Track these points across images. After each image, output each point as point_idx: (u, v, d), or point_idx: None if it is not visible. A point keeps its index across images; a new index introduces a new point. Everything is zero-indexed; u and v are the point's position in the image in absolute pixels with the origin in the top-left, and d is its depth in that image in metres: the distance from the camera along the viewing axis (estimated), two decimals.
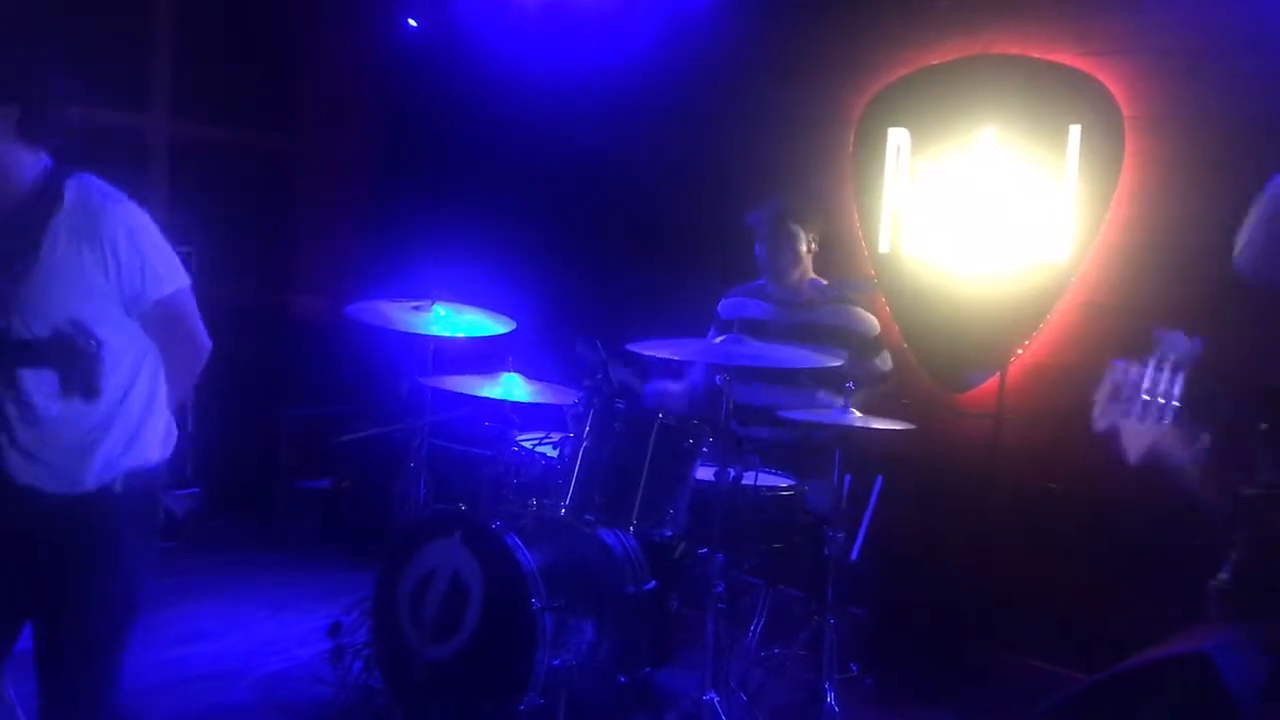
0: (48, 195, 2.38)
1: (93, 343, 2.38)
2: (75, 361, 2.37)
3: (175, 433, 2.66)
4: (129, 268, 2.40)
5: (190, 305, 2.58)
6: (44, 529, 2.42)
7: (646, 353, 3.68)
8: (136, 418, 2.50)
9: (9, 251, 2.37)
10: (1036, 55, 4.52)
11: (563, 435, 4.02)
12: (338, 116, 6.70)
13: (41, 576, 2.45)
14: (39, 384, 2.41)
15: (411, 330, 4.13)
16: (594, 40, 5.61)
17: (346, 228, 6.63)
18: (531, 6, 5.84)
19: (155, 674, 2.64)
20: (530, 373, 4.02)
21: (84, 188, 2.42)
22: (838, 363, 3.83)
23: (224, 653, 4.31)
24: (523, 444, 4.20)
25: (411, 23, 6.32)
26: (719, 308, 4.49)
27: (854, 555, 3.81)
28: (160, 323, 2.50)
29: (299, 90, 6.69)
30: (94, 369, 2.40)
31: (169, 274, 2.49)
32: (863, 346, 4.28)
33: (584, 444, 3.77)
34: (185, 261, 2.63)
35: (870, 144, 4.91)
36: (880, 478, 3.91)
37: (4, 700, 2.38)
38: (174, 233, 2.63)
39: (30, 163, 2.39)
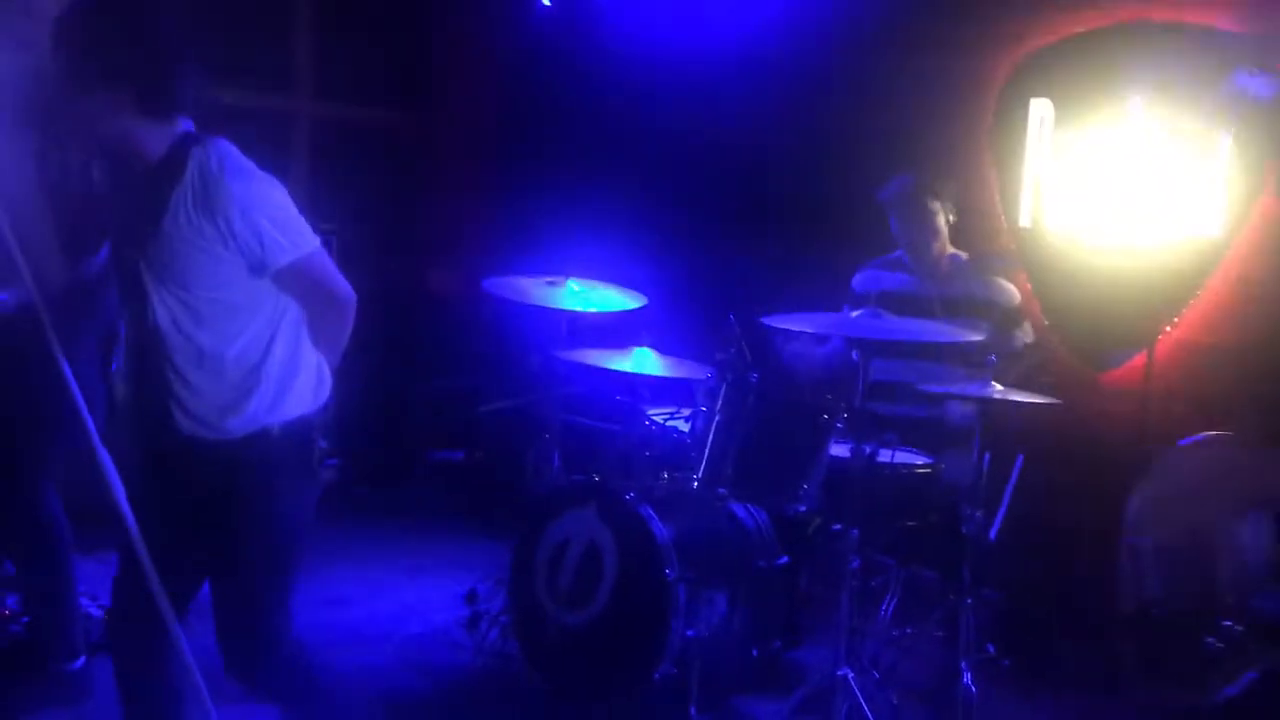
0: (172, 166, 2.41)
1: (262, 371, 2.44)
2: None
3: (328, 381, 2.69)
4: (247, 241, 2.42)
5: (322, 266, 2.57)
6: (208, 475, 2.51)
7: (781, 326, 3.66)
8: (280, 371, 2.54)
9: (138, 224, 2.43)
10: (1188, 20, 4.34)
11: (694, 410, 4.04)
12: (474, 95, 6.81)
13: (211, 523, 2.55)
14: (195, 358, 2.49)
15: (545, 305, 4.19)
16: (725, 13, 5.58)
17: (482, 204, 6.74)
18: None
19: (303, 636, 2.79)
20: (662, 347, 4.04)
21: (204, 159, 2.43)
22: (979, 336, 3.74)
23: (367, 617, 4.45)
24: (654, 418, 4.23)
25: (545, 1, 6.38)
26: (854, 281, 4.43)
27: (992, 535, 3.74)
28: (293, 285, 2.53)
29: (436, 70, 6.82)
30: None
31: (291, 241, 2.48)
32: (1004, 318, 4.19)
33: (716, 418, 3.77)
34: (327, 240, 2.66)
35: (1011, 115, 4.77)
36: (1021, 456, 3.82)
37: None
38: (315, 211, 2.67)
39: (159, 135, 2.42)
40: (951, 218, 4.26)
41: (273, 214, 2.47)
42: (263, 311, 2.52)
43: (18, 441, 3.04)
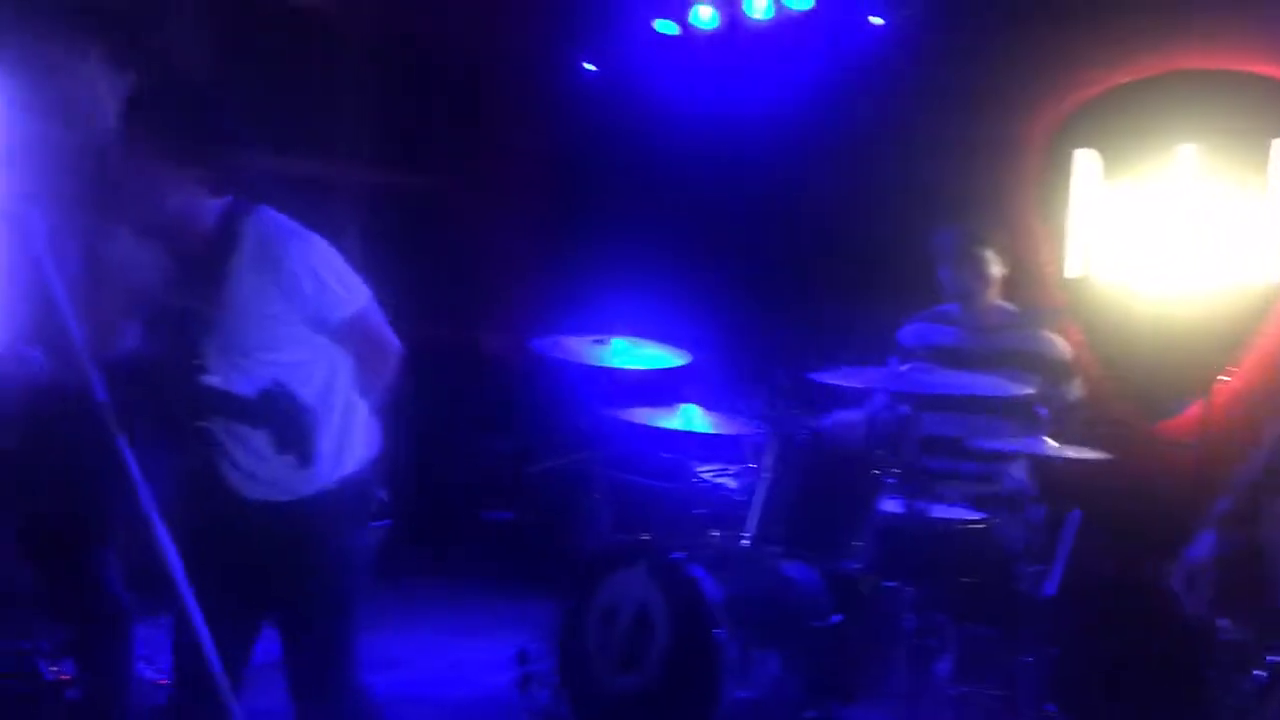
0: (227, 235, 2.49)
1: (304, 408, 2.47)
2: (289, 426, 2.47)
3: (378, 430, 2.74)
4: (310, 298, 2.49)
5: (374, 317, 2.64)
6: (270, 534, 2.55)
7: (829, 382, 3.65)
8: (339, 424, 2.59)
9: (197, 293, 2.49)
10: (1233, 68, 4.32)
11: (743, 467, 4.02)
12: (520, 159, 6.91)
13: (273, 578, 2.60)
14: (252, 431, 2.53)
15: (592, 363, 4.20)
16: (767, 72, 5.64)
17: (530, 265, 6.81)
18: (703, 42, 5.91)
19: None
20: (710, 404, 4.03)
21: (261, 224, 2.52)
22: (1030, 390, 3.70)
23: (415, 678, 4.45)
24: (703, 475, 4.21)
25: (588, 66, 6.48)
26: (900, 334, 4.39)
27: (1050, 591, 3.67)
28: (348, 338, 2.59)
29: (483, 135, 6.93)
30: (310, 434, 2.49)
31: (349, 295, 2.57)
32: (1055, 372, 4.12)
33: (766, 475, 3.75)
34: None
35: (1056, 167, 4.76)
36: (1077, 510, 3.75)
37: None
38: (366, 275, 2.73)
39: (211, 206, 2.50)
40: (1003, 270, 4.22)
41: (331, 269, 2.55)
42: (318, 370, 2.57)
43: (78, 513, 3.08)
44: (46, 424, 2.96)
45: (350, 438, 2.62)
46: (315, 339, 2.56)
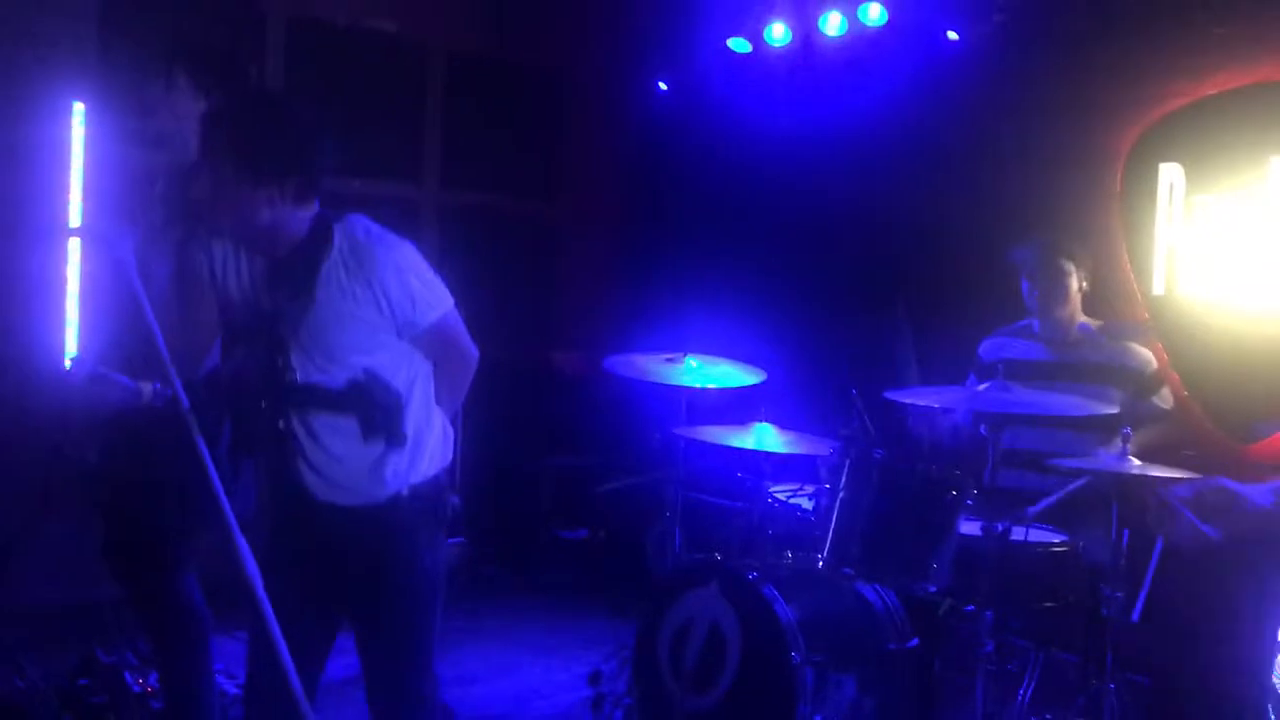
0: (318, 241, 2.54)
1: (392, 393, 2.53)
2: (376, 410, 2.52)
3: (452, 435, 2.80)
4: (400, 302, 2.55)
5: (457, 324, 2.72)
6: (346, 538, 2.61)
7: (906, 400, 3.60)
8: (416, 429, 2.64)
9: (287, 296, 2.55)
10: None
11: (817, 487, 3.98)
12: (595, 179, 6.96)
13: (348, 581, 2.64)
14: (335, 425, 2.58)
15: (665, 382, 4.20)
16: (842, 88, 5.60)
17: (604, 284, 6.84)
18: (777, 59, 5.90)
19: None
20: (783, 422, 4.00)
21: (351, 230, 2.57)
22: (1114, 409, 3.62)
23: (492, 696, 4.47)
24: (776, 495, 4.18)
25: (662, 86, 6.50)
26: (980, 350, 4.34)
27: (1135, 616, 3.57)
28: (432, 343, 2.66)
29: (559, 156, 7.00)
30: (397, 417, 2.55)
31: (436, 300, 2.63)
32: (1141, 383, 4.04)
33: (840, 495, 3.71)
34: None
35: (1139, 181, 4.66)
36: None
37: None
38: None
39: (301, 217, 2.55)
40: (1085, 284, 4.16)
41: (419, 274, 2.61)
42: (401, 372, 2.62)
43: (160, 528, 3.15)
44: (130, 440, 3.03)
45: (426, 445, 2.67)
46: (400, 345, 2.61)
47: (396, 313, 2.55)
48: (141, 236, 2.99)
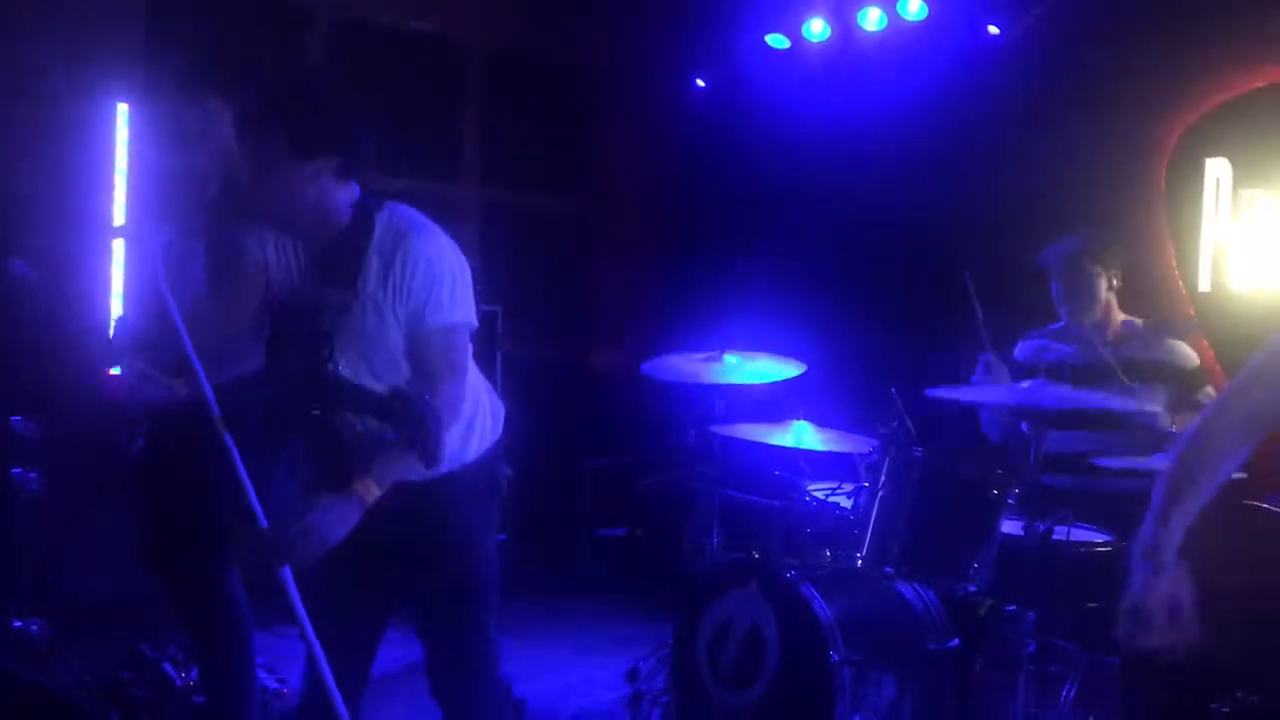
0: (360, 224, 2.52)
1: (433, 412, 2.41)
2: (416, 428, 2.40)
3: (503, 410, 2.77)
4: (419, 291, 2.48)
5: (463, 347, 2.59)
6: (400, 517, 2.53)
7: (947, 397, 3.56)
8: (465, 415, 2.62)
9: (333, 289, 2.52)
10: None
11: (856, 485, 3.95)
12: (633, 177, 6.96)
13: (401, 562, 2.63)
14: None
15: (703, 380, 4.19)
16: (880, 83, 5.57)
17: (641, 281, 6.84)
18: (815, 55, 5.87)
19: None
20: (822, 420, 3.98)
21: (393, 216, 2.55)
22: (1157, 408, 3.56)
23: (532, 694, 4.45)
24: (815, 494, 4.15)
25: (700, 83, 6.49)
26: (1015, 351, 4.27)
27: None
28: (430, 351, 2.53)
29: (596, 154, 7.00)
30: (435, 439, 2.40)
31: (454, 306, 2.53)
32: (1183, 381, 3.96)
33: (880, 494, 3.68)
34: (491, 319, 2.73)
35: (1185, 176, 4.60)
36: None
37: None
38: (482, 292, 2.74)
39: (345, 198, 2.53)
40: (1115, 282, 4.07)
41: (449, 273, 2.53)
42: None
43: (199, 522, 3.18)
44: (166, 435, 3.06)
45: (476, 425, 2.66)
46: None
47: (412, 300, 2.48)
48: (176, 237, 3.01)
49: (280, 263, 2.62)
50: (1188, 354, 4.01)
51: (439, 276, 2.52)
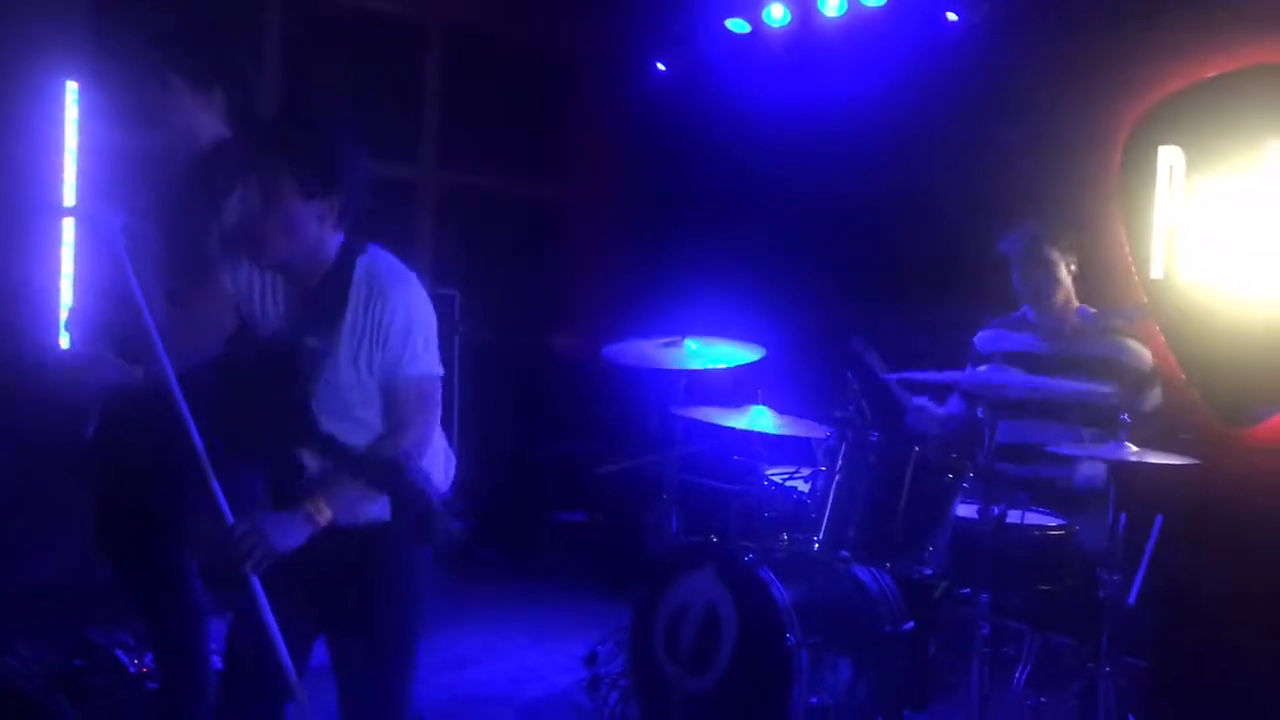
0: (344, 269, 2.53)
1: (422, 478, 2.38)
2: (388, 482, 2.38)
3: (454, 462, 2.76)
4: (395, 340, 2.51)
5: (434, 395, 2.60)
6: (334, 557, 2.53)
7: (909, 376, 3.59)
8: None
9: (313, 332, 2.51)
10: None
11: (814, 469, 3.98)
12: (593, 161, 6.93)
13: (333, 600, 2.60)
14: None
15: (664, 366, 4.19)
16: (840, 71, 5.58)
17: (602, 266, 6.83)
18: (775, 40, 5.87)
19: (426, 697, 2.82)
20: (780, 405, 3.99)
21: (373, 263, 2.56)
22: (1107, 392, 3.61)
23: (489, 679, 4.47)
24: (773, 478, 4.18)
25: (660, 67, 6.47)
26: (975, 340, 4.30)
27: (1131, 599, 3.57)
28: (401, 399, 2.55)
29: (556, 137, 6.97)
30: (432, 515, 2.36)
31: (427, 357, 2.57)
32: (1135, 381, 3.99)
33: (837, 478, 3.72)
34: (449, 303, 2.71)
35: (1139, 164, 4.63)
36: (1160, 517, 3.65)
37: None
38: (440, 276, 2.73)
39: (336, 241, 2.55)
40: (1073, 268, 4.10)
41: (424, 323, 2.57)
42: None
43: (153, 508, 3.14)
44: (121, 421, 3.02)
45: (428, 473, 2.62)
46: None
47: (388, 348, 2.50)
48: (132, 217, 2.97)
49: (265, 298, 2.60)
50: (1142, 354, 4.03)
51: (415, 327, 2.54)
